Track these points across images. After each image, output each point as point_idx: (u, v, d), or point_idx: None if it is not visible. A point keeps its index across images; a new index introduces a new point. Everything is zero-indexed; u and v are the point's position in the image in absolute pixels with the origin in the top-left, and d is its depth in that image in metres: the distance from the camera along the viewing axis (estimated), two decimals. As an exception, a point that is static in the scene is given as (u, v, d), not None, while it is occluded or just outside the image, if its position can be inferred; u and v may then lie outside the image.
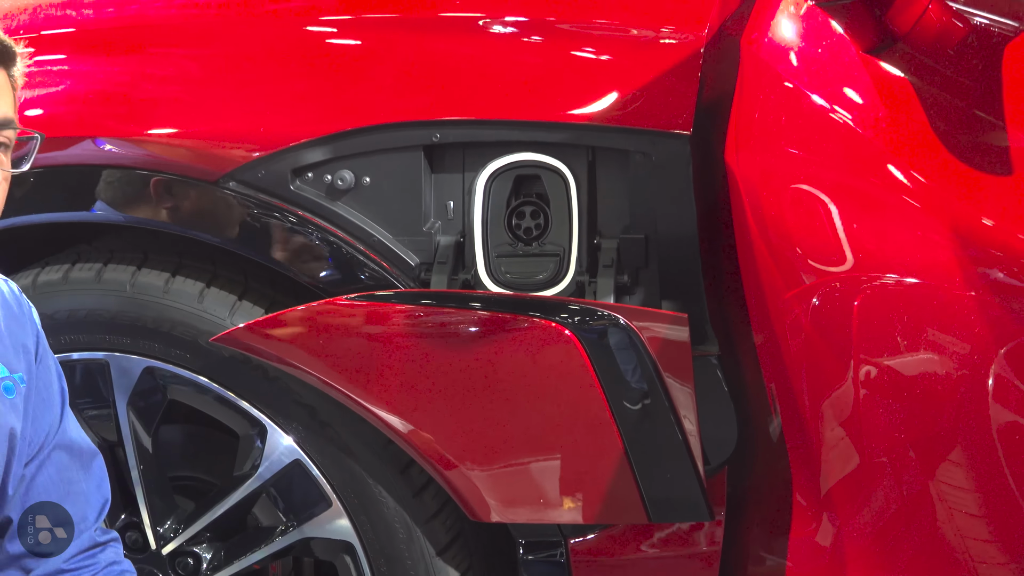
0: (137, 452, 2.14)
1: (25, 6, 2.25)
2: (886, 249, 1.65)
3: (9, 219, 2.10)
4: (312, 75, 2.02)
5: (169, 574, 2.15)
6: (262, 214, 2.02)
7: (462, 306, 1.92)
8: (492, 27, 2.01)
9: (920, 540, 1.73)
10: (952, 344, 1.62)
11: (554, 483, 1.94)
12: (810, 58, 1.78)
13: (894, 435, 1.71)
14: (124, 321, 2.09)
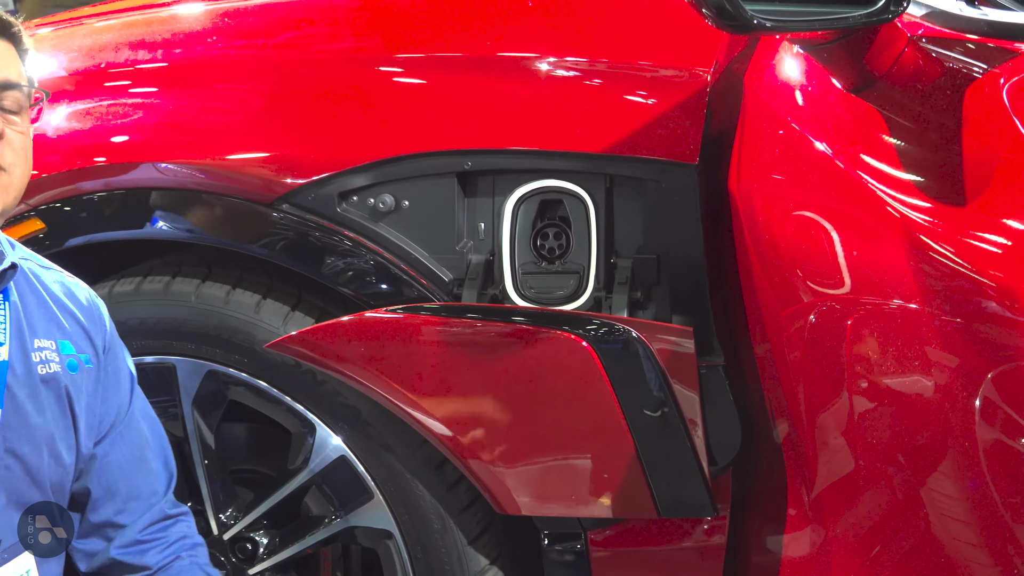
0: (201, 447, 2.19)
1: (104, 44, 2.32)
2: (872, 271, 1.66)
3: (91, 235, 2.19)
4: (357, 108, 2.04)
5: (230, 557, 2.19)
6: (312, 233, 2.05)
7: (490, 319, 1.93)
8: (519, 65, 2.02)
9: (905, 548, 1.73)
10: (936, 364, 1.61)
11: (573, 480, 1.96)
12: (802, 96, 1.80)
13: (881, 447, 1.72)
14: (189, 329, 2.13)
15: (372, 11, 2.23)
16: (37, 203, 2.18)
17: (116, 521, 1.83)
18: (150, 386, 2.15)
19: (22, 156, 1.63)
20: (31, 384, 1.68)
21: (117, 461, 1.83)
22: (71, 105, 2.22)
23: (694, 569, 2.07)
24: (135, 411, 1.87)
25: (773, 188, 1.79)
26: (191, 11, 2.44)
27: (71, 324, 1.78)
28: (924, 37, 1.69)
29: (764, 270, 1.82)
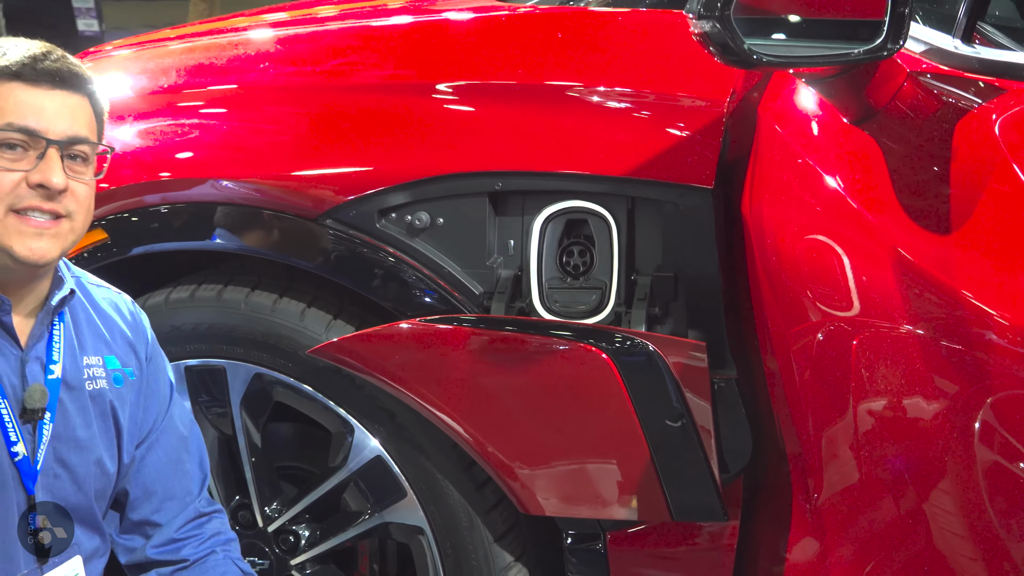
0: (248, 444, 2.23)
1: (168, 67, 2.38)
2: (873, 294, 1.66)
3: (153, 245, 2.23)
4: (396, 131, 2.07)
5: (273, 548, 2.24)
6: (353, 247, 2.08)
7: (517, 330, 1.95)
8: (548, 93, 2.04)
9: (902, 562, 1.73)
10: (935, 388, 1.60)
11: (592, 484, 1.99)
12: (809, 126, 1.82)
13: (881, 462, 1.72)
14: (238, 334, 2.17)
15: (411, 41, 2.27)
16: (103, 214, 2.22)
17: (153, 520, 1.88)
18: (202, 387, 2.24)
19: (84, 206, 1.68)
20: (80, 399, 1.74)
21: (154, 464, 1.88)
22: (138, 123, 2.27)
23: (706, 570, 2.08)
24: (173, 416, 1.91)
25: (781, 212, 1.81)
26: (249, 37, 2.51)
27: (117, 339, 1.84)
28: (922, 73, 1.69)
29: (773, 289, 1.83)
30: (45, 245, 1.62)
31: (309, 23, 2.58)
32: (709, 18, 1.53)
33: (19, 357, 1.68)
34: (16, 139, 1.60)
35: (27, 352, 1.69)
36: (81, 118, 1.67)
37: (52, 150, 1.62)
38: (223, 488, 2.30)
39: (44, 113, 1.62)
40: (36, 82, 1.62)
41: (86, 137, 1.67)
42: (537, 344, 1.95)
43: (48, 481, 1.71)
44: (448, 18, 2.38)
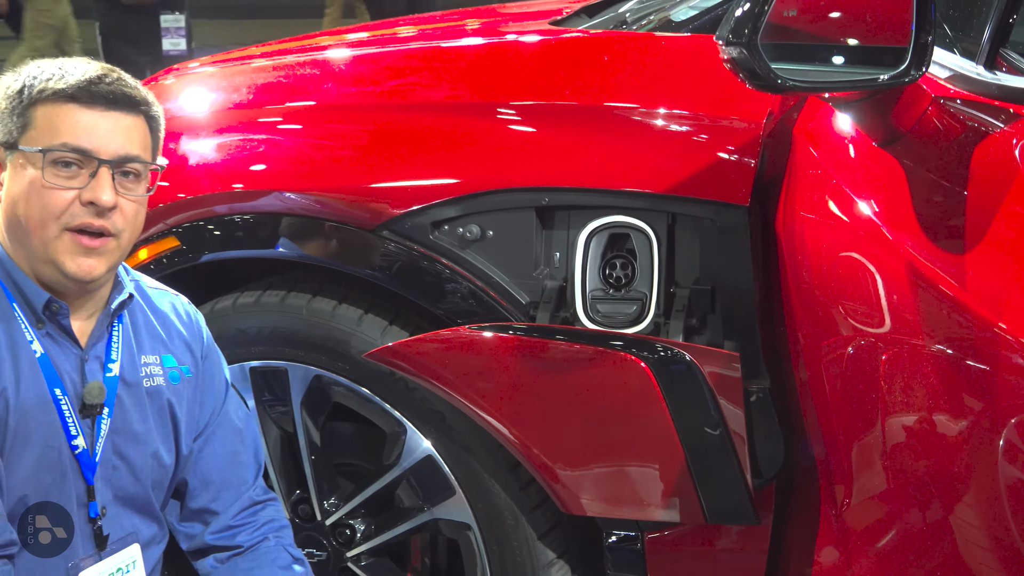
0: (308, 442, 2.26)
1: (239, 85, 2.45)
2: (896, 311, 1.67)
3: (222, 252, 2.28)
4: (449, 148, 2.11)
5: (331, 541, 2.27)
6: (407, 257, 2.10)
7: (562, 339, 1.97)
8: (593, 113, 2.07)
9: (925, 572, 1.72)
10: (961, 405, 1.58)
11: (630, 486, 2.01)
12: (840, 148, 1.83)
13: (905, 474, 1.72)
14: (300, 338, 2.20)
15: (465, 63, 2.31)
16: (177, 222, 2.28)
17: (211, 508, 1.92)
18: (265, 387, 2.27)
19: (132, 223, 1.71)
20: (137, 396, 1.79)
21: (211, 455, 1.92)
22: (213, 137, 2.34)
23: (738, 570, 2.09)
24: (228, 411, 1.95)
25: (812, 230, 1.82)
26: (322, 56, 2.57)
27: (174, 338, 1.88)
28: (946, 98, 1.69)
29: (804, 304, 1.84)
30: (93, 262, 1.67)
31: (380, 43, 2.64)
32: (737, 45, 1.55)
33: (79, 356, 1.74)
34: (70, 158, 1.65)
35: (87, 351, 1.74)
36: (134, 137, 1.71)
37: (104, 169, 1.66)
38: (284, 483, 2.33)
39: (97, 133, 1.66)
40: (91, 104, 1.67)
41: (138, 156, 1.70)
42: (580, 352, 1.97)
43: (107, 472, 1.76)
44: (501, 41, 2.42)
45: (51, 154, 1.65)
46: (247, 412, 2.02)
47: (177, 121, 2.35)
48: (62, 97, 1.66)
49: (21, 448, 1.67)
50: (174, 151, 2.31)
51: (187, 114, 2.42)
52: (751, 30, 1.54)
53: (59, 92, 1.66)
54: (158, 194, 2.13)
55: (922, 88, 1.69)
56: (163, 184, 2.20)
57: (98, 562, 1.75)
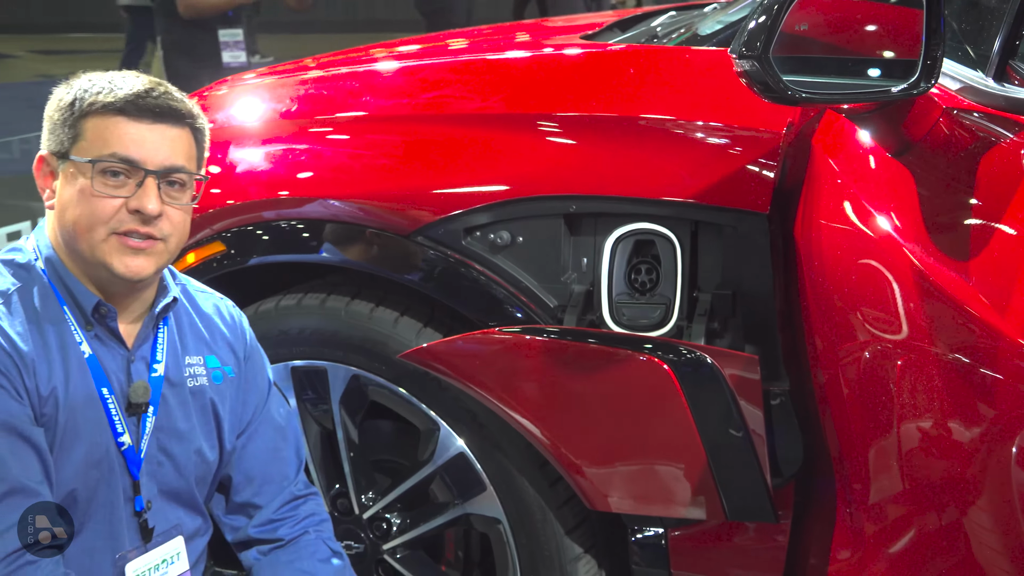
0: (346, 439, 2.28)
1: (284, 96, 2.47)
2: (908, 316, 1.66)
3: (268, 256, 2.30)
4: (481, 157, 2.13)
5: (368, 534, 2.29)
6: (441, 262, 2.12)
7: (588, 341, 1.98)
8: (618, 124, 2.08)
9: (937, 572, 1.72)
10: (974, 412, 1.58)
11: (653, 484, 2.01)
12: (855, 158, 1.83)
13: (919, 477, 1.71)
14: (339, 339, 2.22)
15: (497, 75, 2.33)
16: (226, 227, 2.31)
17: (254, 502, 1.94)
18: (306, 386, 2.29)
19: (179, 229, 1.74)
20: (181, 395, 1.82)
21: (254, 452, 1.94)
22: (262, 146, 2.36)
23: (758, 566, 2.09)
24: (271, 409, 1.97)
25: (829, 237, 1.82)
26: (367, 68, 2.59)
27: (217, 340, 1.91)
28: (957, 109, 1.69)
29: (821, 309, 1.84)
30: (141, 263, 1.70)
31: (418, 56, 2.66)
32: (750, 58, 1.56)
33: (126, 357, 1.77)
34: (119, 168, 1.68)
35: (133, 352, 1.78)
36: (179, 148, 1.73)
37: (150, 179, 1.69)
38: (324, 477, 2.35)
39: (144, 145, 1.69)
40: (138, 116, 1.70)
41: (182, 166, 1.73)
42: (606, 354, 1.97)
43: (152, 468, 1.79)
44: (532, 55, 2.43)
45: (100, 164, 1.68)
46: (289, 410, 2.04)
47: (227, 130, 2.39)
48: (111, 110, 1.70)
49: (70, 444, 1.70)
50: (223, 159, 2.35)
51: (236, 124, 2.46)
52: (763, 43, 1.56)
53: (108, 105, 1.70)
54: (208, 200, 2.19)
55: (933, 99, 1.69)
56: (213, 191, 2.27)
57: (144, 553, 1.78)
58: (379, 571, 2.34)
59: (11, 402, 1.64)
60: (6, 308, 1.70)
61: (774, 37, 1.56)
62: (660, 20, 2.66)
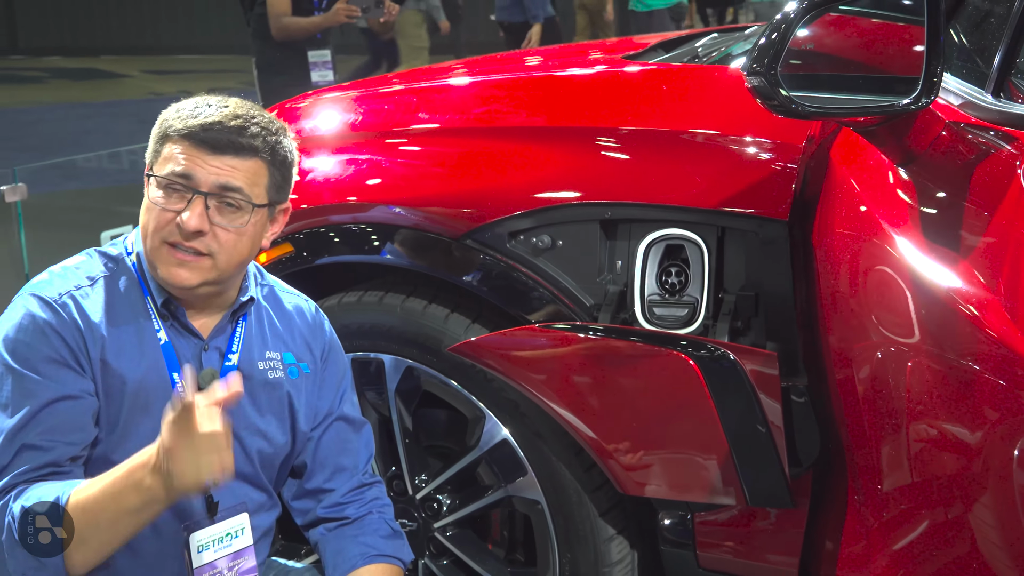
0: (401, 425, 2.32)
1: (360, 110, 2.54)
2: (917, 319, 1.65)
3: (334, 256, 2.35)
4: (525, 167, 2.16)
5: (421, 513, 2.34)
6: (487, 263, 2.16)
7: (621, 337, 2.01)
8: (651, 137, 2.10)
9: (939, 562, 1.71)
10: (977, 415, 1.55)
11: (680, 471, 2.03)
12: (868, 168, 1.83)
13: (924, 471, 1.70)
14: (394, 333, 2.26)
15: (540, 91, 2.36)
16: (298, 228, 2.36)
17: (325, 487, 1.97)
18: (365, 376, 2.33)
19: (227, 248, 1.75)
20: (252, 385, 1.85)
21: (327, 443, 1.97)
22: (334, 155, 2.42)
23: (777, 549, 2.10)
24: (344, 406, 2.00)
25: (842, 243, 1.83)
26: (423, 86, 2.64)
27: (296, 338, 1.94)
28: (957, 123, 1.68)
29: (836, 310, 1.85)
30: (184, 274, 1.74)
31: (478, 74, 2.69)
32: (758, 74, 1.58)
33: (199, 346, 1.82)
34: (176, 184, 1.73)
35: (207, 342, 1.83)
36: (239, 175, 1.75)
37: (197, 198, 1.72)
38: (381, 461, 2.39)
39: (200, 168, 1.72)
40: (201, 144, 1.73)
41: (238, 188, 1.74)
42: (637, 350, 2.00)
43: None
44: (574, 73, 2.47)
45: (162, 180, 1.74)
46: (358, 407, 2.05)
47: (304, 141, 2.43)
48: (182, 135, 1.74)
49: (139, 418, 1.75)
50: (303, 163, 2.41)
51: (311, 135, 2.52)
52: (771, 61, 1.57)
53: (179, 131, 1.75)
54: None
55: (936, 114, 1.69)
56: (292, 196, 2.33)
57: (209, 526, 1.81)
58: (431, 548, 2.37)
59: (73, 377, 1.71)
60: (91, 289, 1.77)
61: (781, 55, 1.57)
62: (703, 41, 2.68)
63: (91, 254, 1.85)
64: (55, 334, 1.71)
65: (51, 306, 1.73)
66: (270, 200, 1.81)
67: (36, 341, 1.71)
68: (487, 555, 2.36)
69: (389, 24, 5.66)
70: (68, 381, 1.71)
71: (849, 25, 1.69)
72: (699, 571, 2.17)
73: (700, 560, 2.17)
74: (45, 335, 1.71)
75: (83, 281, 1.79)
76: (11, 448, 1.68)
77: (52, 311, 1.73)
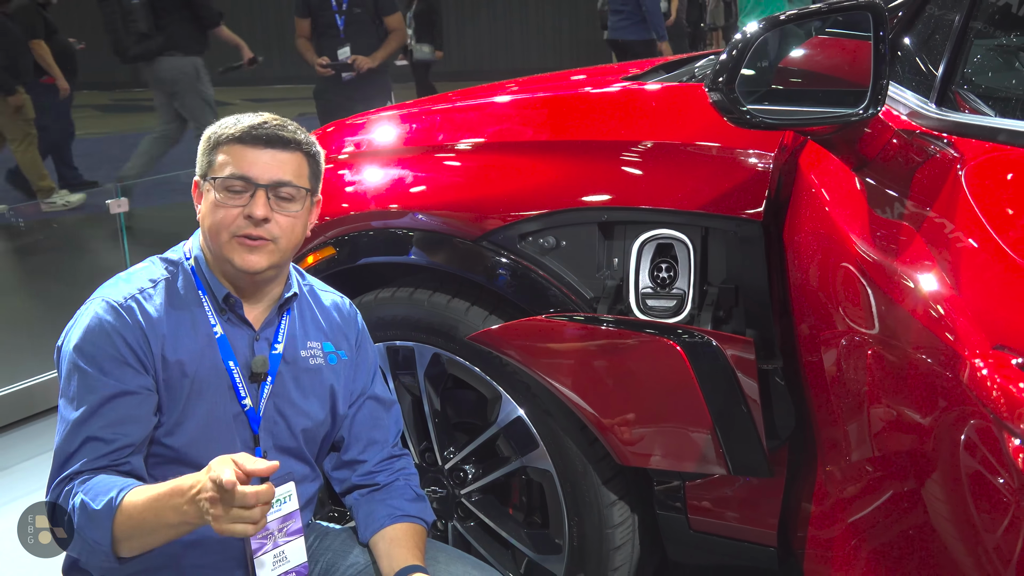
0: (430, 405, 2.32)
1: (399, 127, 2.52)
2: (873, 310, 1.61)
3: (372, 257, 2.35)
4: (533, 176, 2.14)
5: (449, 481, 2.34)
6: (501, 262, 2.15)
7: (618, 326, 1.98)
8: (643, 148, 2.07)
9: (897, 524, 1.66)
10: (922, 393, 1.49)
11: (669, 444, 2.00)
12: (829, 173, 1.79)
13: (881, 446, 1.66)
14: (422, 324, 2.26)
15: (547, 109, 2.33)
16: (341, 232, 2.37)
17: (359, 459, 1.97)
18: (398, 362, 2.33)
19: (287, 232, 1.77)
20: (296, 370, 1.85)
21: (361, 420, 1.97)
22: (379, 167, 2.41)
23: (758, 512, 2.07)
24: (375, 387, 2.00)
25: (808, 241, 1.80)
26: (447, 107, 2.59)
27: (334, 329, 1.94)
28: (904, 131, 1.63)
29: (804, 301, 1.81)
30: (256, 258, 1.75)
31: (489, 95, 2.67)
32: (719, 90, 1.54)
33: (251, 336, 1.82)
34: (236, 183, 1.74)
35: (259, 333, 1.83)
36: (287, 168, 1.77)
37: (260, 191, 1.74)
38: (414, 435, 2.39)
39: (256, 165, 1.74)
40: (253, 144, 1.75)
41: (289, 181, 1.76)
42: (632, 338, 1.97)
43: (268, 425, 1.83)
44: (576, 93, 2.44)
45: (223, 181, 1.75)
46: (387, 388, 2.05)
47: (351, 156, 2.46)
48: (233, 140, 1.76)
49: (195, 403, 1.76)
50: (342, 177, 2.41)
51: (353, 151, 2.52)
52: (729, 77, 1.53)
53: (231, 136, 1.76)
54: (323, 210, 2.24)
55: (885, 123, 1.64)
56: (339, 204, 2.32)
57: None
58: (459, 512, 2.37)
59: (132, 374, 1.71)
60: (153, 291, 1.78)
61: (739, 71, 1.53)
62: (701, 63, 2.63)
63: (154, 261, 1.86)
64: (118, 335, 1.72)
65: (116, 310, 1.74)
66: (312, 187, 1.83)
67: (101, 342, 1.72)
68: (507, 518, 2.35)
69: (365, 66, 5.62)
70: (128, 378, 1.71)
71: (805, 42, 1.65)
72: (690, 533, 2.15)
73: (691, 523, 2.15)
74: (109, 336, 1.72)
75: (146, 284, 1.80)
76: (77, 438, 1.69)
77: (116, 314, 1.73)
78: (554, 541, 2.25)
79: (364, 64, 5.54)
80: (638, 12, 7.67)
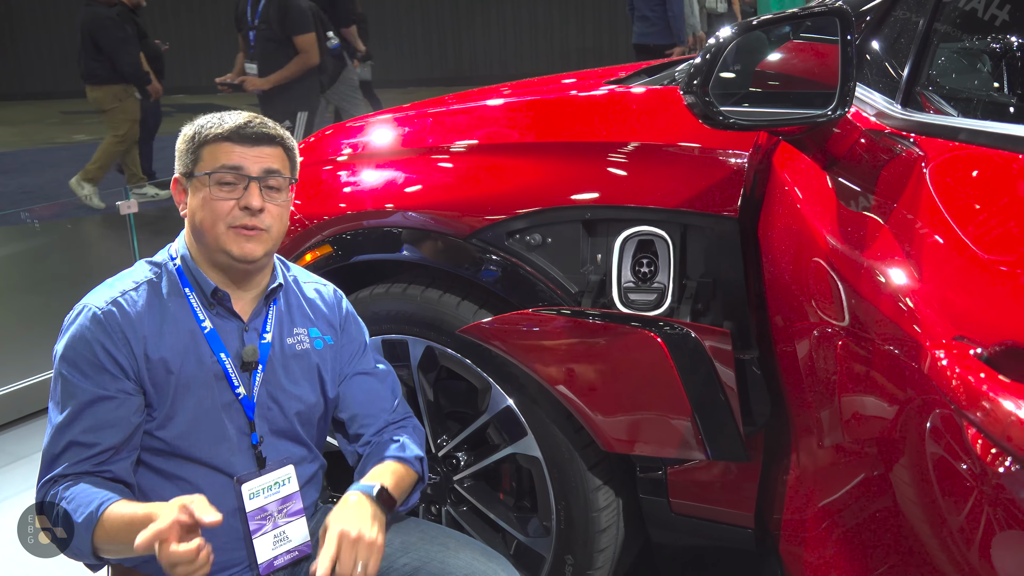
0: (423, 396, 2.31)
1: (390, 131, 2.50)
2: (842, 302, 1.58)
3: (365, 255, 2.33)
4: (520, 176, 2.13)
5: (442, 468, 2.32)
6: (490, 258, 2.14)
7: (601, 319, 1.97)
8: (624, 149, 2.05)
9: (866, 507, 1.64)
10: (887, 382, 1.46)
11: (650, 431, 1.98)
12: (800, 172, 1.78)
13: (849, 432, 1.64)
14: (415, 318, 2.24)
15: (533, 112, 2.32)
16: (331, 233, 2.35)
17: (360, 432, 1.95)
18: (393, 355, 2.30)
19: (277, 220, 1.79)
20: (285, 357, 1.85)
21: (354, 395, 1.95)
22: (372, 169, 2.39)
23: (736, 495, 2.06)
24: (365, 362, 1.98)
25: (780, 237, 1.78)
26: (439, 110, 2.56)
27: (318, 316, 1.94)
28: (871, 130, 1.61)
29: (778, 294, 1.80)
30: (252, 246, 1.75)
31: (479, 99, 2.65)
32: (693, 92, 1.53)
33: (241, 328, 1.81)
34: (229, 177, 1.74)
35: (248, 324, 1.82)
36: (274, 160, 1.78)
37: (253, 183, 1.74)
38: (409, 424, 2.37)
39: (246, 159, 1.75)
40: (240, 140, 1.75)
41: (278, 171, 1.78)
42: (614, 330, 1.96)
43: (263, 411, 1.82)
44: (560, 97, 2.42)
45: (215, 175, 1.74)
46: (385, 362, 2.04)
47: (350, 157, 2.43)
48: (220, 138, 1.76)
49: (183, 397, 1.75)
50: (340, 179, 2.39)
51: (350, 153, 2.50)
52: (702, 80, 1.52)
53: (218, 135, 1.76)
54: (321, 210, 2.22)
55: (853, 123, 1.63)
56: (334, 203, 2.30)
57: (258, 477, 1.81)
58: (452, 497, 2.35)
59: (110, 379, 1.71)
60: (135, 294, 1.77)
61: (712, 74, 1.52)
62: (682, 67, 2.61)
63: (140, 264, 1.86)
64: (97, 342, 1.72)
65: (95, 316, 1.73)
66: (293, 176, 1.84)
67: (81, 348, 1.72)
68: (498, 503, 2.34)
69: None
70: (106, 383, 1.71)
71: (781, 47, 1.63)
72: (672, 515, 2.14)
73: (673, 506, 2.13)
74: (88, 344, 1.72)
75: (128, 286, 1.79)
76: (60, 442, 1.70)
77: (95, 320, 1.73)
78: (542, 524, 2.24)
79: (252, 85, 5.35)
80: (664, 19, 7.92)
